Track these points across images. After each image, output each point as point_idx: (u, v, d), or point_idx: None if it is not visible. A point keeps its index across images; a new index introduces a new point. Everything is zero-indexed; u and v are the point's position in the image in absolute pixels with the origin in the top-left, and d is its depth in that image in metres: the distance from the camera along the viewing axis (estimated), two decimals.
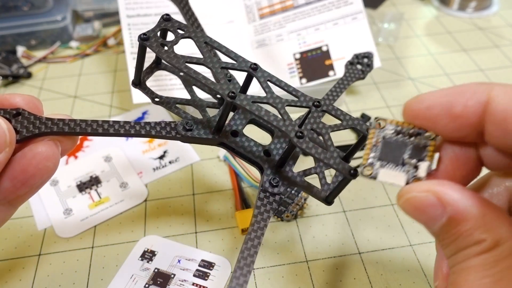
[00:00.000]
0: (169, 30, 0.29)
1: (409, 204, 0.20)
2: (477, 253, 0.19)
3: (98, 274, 0.36)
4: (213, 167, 0.45)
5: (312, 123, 0.27)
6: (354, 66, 0.39)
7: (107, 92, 0.55)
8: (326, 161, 0.25)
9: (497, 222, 0.19)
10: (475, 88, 0.20)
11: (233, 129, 0.31)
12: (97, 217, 0.40)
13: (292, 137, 0.26)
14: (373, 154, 0.22)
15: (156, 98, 0.31)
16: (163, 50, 0.28)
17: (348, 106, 0.51)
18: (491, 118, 0.19)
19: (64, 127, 0.26)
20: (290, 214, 0.39)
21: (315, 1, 0.51)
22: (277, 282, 0.35)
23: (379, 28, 0.62)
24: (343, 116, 0.28)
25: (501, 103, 0.18)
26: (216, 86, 0.27)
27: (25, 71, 0.57)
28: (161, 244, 0.38)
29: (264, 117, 0.27)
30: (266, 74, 0.29)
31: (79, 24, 0.63)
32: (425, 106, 0.21)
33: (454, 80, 0.55)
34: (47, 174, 0.25)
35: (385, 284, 0.35)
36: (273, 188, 0.29)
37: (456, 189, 0.19)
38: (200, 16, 0.52)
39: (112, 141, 0.47)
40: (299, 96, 0.28)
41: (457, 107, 0.20)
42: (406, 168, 0.21)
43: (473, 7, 0.67)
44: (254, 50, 0.51)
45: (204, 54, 0.29)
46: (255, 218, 0.28)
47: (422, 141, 0.21)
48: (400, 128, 0.22)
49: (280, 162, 0.30)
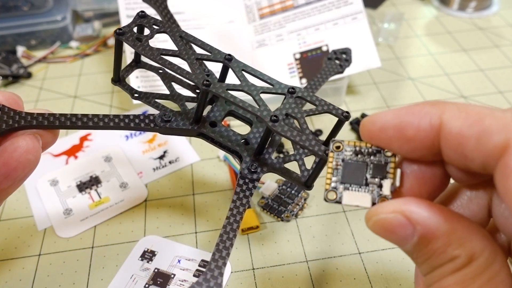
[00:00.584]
0: (145, 26, 0.30)
1: (378, 226, 0.19)
2: (453, 270, 0.18)
3: (98, 274, 0.36)
4: (213, 167, 0.45)
5: (287, 109, 0.28)
6: (332, 61, 0.40)
7: (107, 92, 0.55)
8: (302, 143, 0.26)
9: (469, 236, 0.18)
10: (427, 109, 0.19)
11: (211, 120, 0.31)
12: (97, 217, 0.40)
13: (267, 121, 0.27)
14: (334, 178, 0.21)
15: (135, 94, 0.32)
16: (138, 43, 0.29)
17: (348, 106, 0.51)
18: (446, 142, 0.18)
19: (44, 121, 0.27)
20: (290, 214, 0.39)
21: (315, 1, 0.51)
22: (277, 282, 0.35)
23: (379, 28, 0.62)
24: (318, 102, 0.29)
25: (454, 127, 0.18)
26: (191, 76, 0.28)
27: (25, 71, 0.57)
28: (161, 244, 0.38)
29: (239, 103, 0.27)
30: (241, 65, 0.29)
31: (79, 24, 0.63)
32: (378, 128, 0.20)
33: (454, 80, 0.55)
34: (29, 167, 0.25)
35: (385, 284, 0.35)
36: (252, 174, 0.30)
37: (423, 206, 0.18)
38: (200, 16, 0.52)
39: (112, 141, 0.47)
40: (274, 84, 0.29)
41: (410, 130, 0.19)
42: (370, 188, 0.21)
43: (473, 7, 0.67)
44: (254, 50, 0.51)
45: (179, 47, 0.29)
46: (234, 203, 0.28)
47: (382, 158, 0.21)
48: (358, 148, 0.21)
49: (258, 148, 0.30)
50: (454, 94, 0.53)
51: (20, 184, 0.26)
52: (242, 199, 0.29)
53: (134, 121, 0.29)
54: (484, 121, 0.17)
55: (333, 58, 0.40)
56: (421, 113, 0.19)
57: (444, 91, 0.54)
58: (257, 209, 0.40)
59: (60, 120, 0.27)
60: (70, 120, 0.27)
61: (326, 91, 0.50)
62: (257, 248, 0.38)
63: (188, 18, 0.52)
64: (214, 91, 0.28)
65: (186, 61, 0.29)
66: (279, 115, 0.27)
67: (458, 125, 0.18)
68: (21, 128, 0.26)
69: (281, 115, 0.27)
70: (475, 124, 0.17)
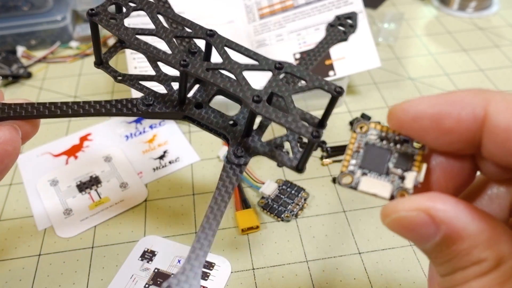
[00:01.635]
0: (120, 3, 0.28)
1: (397, 224, 0.18)
2: (478, 274, 0.17)
3: (98, 274, 0.36)
4: (213, 167, 0.45)
5: (273, 87, 0.25)
6: (335, 27, 0.36)
7: (107, 92, 0.55)
8: (287, 125, 0.24)
9: (497, 237, 0.17)
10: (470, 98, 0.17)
11: (198, 101, 0.30)
12: (97, 217, 0.40)
13: (249, 103, 0.25)
14: (354, 161, 0.19)
15: (119, 76, 0.31)
16: (112, 24, 0.27)
17: (348, 106, 0.51)
18: (491, 136, 0.17)
19: (21, 111, 0.26)
20: (290, 214, 0.39)
21: (315, 1, 0.51)
22: (277, 282, 0.35)
23: (379, 28, 0.62)
24: (308, 77, 0.26)
25: (503, 120, 0.16)
26: (167, 57, 0.26)
27: (25, 71, 0.57)
28: (161, 244, 0.38)
29: (220, 84, 0.25)
30: (225, 40, 0.27)
31: (79, 24, 0.63)
32: (411, 117, 0.18)
33: (454, 80, 0.55)
34: (8, 159, 0.24)
35: (385, 284, 0.35)
36: (238, 159, 0.28)
37: (450, 203, 0.17)
38: (200, 16, 0.52)
39: (112, 141, 0.47)
40: (261, 60, 0.27)
41: (449, 121, 0.17)
42: (390, 178, 0.19)
43: (473, 7, 0.67)
44: (254, 50, 0.51)
45: (156, 25, 0.27)
46: (219, 191, 0.26)
47: (409, 149, 0.19)
48: (384, 134, 0.20)
49: (245, 131, 0.28)
50: None
51: (2, 176, 0.25)
52: (228, 186, 0.27)
53: (116, 106, 0.28)
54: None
55: (337, 24, 0.36)
56: (463, 103, 0.17)
57: (444, 91, 0.54)
58: (257, 209, 0.40)
59: (38, 110, 0.26)
60: (49, 109, 0.27)
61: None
62: (257, 248, 0.38)
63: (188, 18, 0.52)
64: (192, 71, 0.26)
65: (163, 40, 0.27)
66: (263, 95, 0.25)
67: (507, 119, 0.16)
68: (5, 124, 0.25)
69: (265, 94, 0.25)
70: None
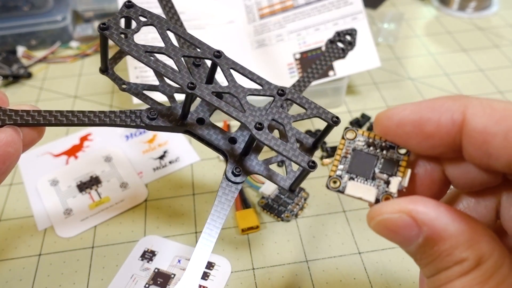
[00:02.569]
0: (131, 17, 0.28)
1: (381, 226, 0.18)
2: (460, 274, 0.17)
3: (98, 274, 0.36)
4: (213, 167, 0.45)
5: (274, 113, 0.27)
6: (334, 44, 0.37)
7: (107, 92, 0.55)
8: (285, 153, 0.25)
9: (477, 238, 0.17)
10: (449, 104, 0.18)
11: (199, 116, 0.31)
12: (97, 217, 0.40)
13: (251, 129, 0.26)
14: (342, 166, 0.20)
15: (123, 84, 0.31)
16: (122, 40, 0.27)
17: (348, 106, 0.52)
18: (469, 140, 0.17)
19: (28, 118, 0.26)
20: (290, 214, 0.39)
21: (315, 1, 0.51)
22: (277, 282, 0.35)
23: (379, 28, 0.62)
24: (308, 105, 0.27)
25: (479, 124, 0.17)
26: (176, 77, 0.27)
27: (25, 71, 0.57)
28: (161, 244, 0.38)
29: (224, 108, 0.26)
30: (230, 62, 0.28)
31: (79, 24, 0.63)
32: (395, 123, 0.19)
33: (454, 80, 0.55)
34: (9, 160, 0.25)
35: (385, 284, 0.35)
36: (236, 177, 0.29)
37: (431, 205, 0.18)
38: (200, 16, 0.52)
39: (112, 141, 0.47)
40: (263, 84, 0.28)
41: (430, 126, 0.18)
42: (376, 182, 0.20)
43: (473, 7, 0.67)
44: (254, 50, 0.51)
45: (166, 42, 0.28)
46: (215, 208, 0.28)
47: (394, 155, 0.20)
48: (371, 140, 0.20)
49: (244, 151, 0.29)
50: (454, 94, 0.53)
51: (3, 178, 0.26)
52: (224, 203, 0.28)
53: (120, 117, 0.29)
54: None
55: (336, 40, 0.37)
56: (442, 109, 0.18)
57: (444, 91, 0.54)
58: (257, 209, 0.40)
59: (45, 117, 0.27)
60: (56, 117, 0.27)
61: (326, 91, 0.50)
62: (257, 248, 0.38)
63: (188, 18, 0.52)
64: (198, 94, 0.26)
65: (172, 58, 0.28)
66: (264, 122, 0.26)
67: (483, 122, 0.17)
68: (5, 125, 0.26)
69: (266, 121, 0.26)
70: (501, 121, 0.16)
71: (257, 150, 0.30)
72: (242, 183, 0.29)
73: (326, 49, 0.37)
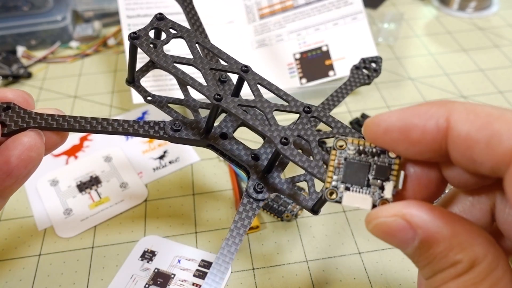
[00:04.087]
0: (161, 29, 0.28)
1: (378, 229, 0.19)
2: (455, 275, 0.18)
3: (98, 274, 0.36)
4: (213, 167, 0.45)
5: (300, 129, 0.26)
6: (360, 70, 0.38)
7: (107, 92, 0.55)
8: (310, 170, 0.25)
9: (471, 240, 0.18)
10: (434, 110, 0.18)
11: (223, 131, 0.30)
12: (97, 217, 0.40)
13: (276, 143, 0.26)
14: (336, 176, 0.20)
15: (148, 97, 0.31)
16: (152, 49, 0.28)
17: (348, 106, 0.52)
18: (454, 146, 0.17)
19: (52, 122, 0.26)
20: (290, 214, 0.39)
21: (315, 1, 0.51)
22: (277, 282, 0.35)
23: (379, 28, 0.62)
24: (334, 124, 0.27)
25: (463, 130, 0.17)
26: (203, 88, 0.27)
27: (25, 71, 0.57)
28: (161, 244, 0.38)
29: (249, 122, 0.26)
30: (258, 77, 0.28)
31: (79, 24, 0.63)
32: (382, 129, 0.19)
33: (454, 80, 0.55)
34: (31, 164, 0.25)
35: (385, 284, 0.35)
36: (257, 194, 0.28)
37: (425, 209, 0.18)
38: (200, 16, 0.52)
39: (112, 141, 0.47)
40: (290, 101, 0.28)
41: (415, 132, 0.18)
42: (371, 189, 0.20)
43: (473, 7, 0.67)
44: (254, 50, 0.51)
45: (194, 54, 0.28)
46: (235, 224, 0.27)
47: (386, 160, 0.20)
48: (362, 147, 0.21)
49: (267, 167, 0.29)
50: (454, 94, 0.53)
51: (24, 181, 0.26)
52: (244, 220, 0.28)
53: (144, 128, 0.29)
54: (494, 124, 0.16)
55: (361, 67, 0.38)
56: (427, 115, 0.18)
57: (444, 91, 0.54)
58: None
59: (69, 123, 0.27)
60: (80, 123, 0.27)
61: (326, 91, 0.50)
62: (257, 248, 0.38)
63: None
64: (224, 106, 0.26)
65: (200, 70, 0.28)
66: (290, 137, 0.26)
67: (466, 128, 0.17)
68: (29, 128, 0.26)
69: (292, 136, 0.26)
70: (484, 127, 0.17)
71: (281, 168, 0.30)
72: (264, 201, 0.29)
73: (351, 75, 0.37)
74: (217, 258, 0.26)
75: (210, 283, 0.25)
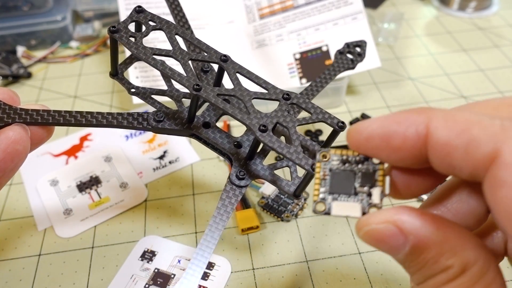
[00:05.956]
0: (141, 22, 0.29)
1: (369, 236, 0.19)
2: (446, 281, 0.18)
3: (98, 274, 0.36)
4: (213, 167, 0.45)
5: (279, 117, 0.27)
6: (344, 55, 0.37)
7: (107, 92, 0.55)
8: (289, 156, 0.26)
9: (462, 245, 0.18)
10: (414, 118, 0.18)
11: (206, 120, 0.31)
12: (97, 217, 0.40)
13: (255, 131, 0.26)
14: (323, 188, 0.21)
15: (132, 88, 0.32)
16: (131, 42, 0.28)
17: (348, 106, 0.52)
18: (433, 152, 0.18)
19: (37, 117, 0.27)
20: (290, 214, 0.39)
21: (315, 1, 0.51)
22: (277, 282, 0.35)
23: (379, 28, 0.62)
24: (313, 110, 0.28)
25: (441, 137, 0.17)
26: (182, 79, 0.27)
27: (25, 71, 0.57)
28: (161, 244, 0.38)
29: (229, 111, 0.27)
30: (237, 66, 0.29)
31: (79, 24, 0.63)
32: (364, 137, 0.19)
33: (454, 80, 0.55)
34: (18, 158, 0.25)
35: (385, 284, 0.35)
36: (240, 181, 0.29)
37: (415, 215, 0.18)
38: (200, 16, 0.52)
39: (112, 141, 0.47)
40: (269, 88, 0.28)
41: (396, 140, 0.18)
42: (359, 197, 0.20)
43: (473, 7, 0.67)
44: (254, 50, 0.51)
45: (174, 46, 0.29)
46: (218, 210, 0.28)
47: (370, 166, 0.20)
48: (345, 157, 0.21)
49: (249, 155, 0.30)
50: (454, 94, 0.53)
51: (11, 175, 0.26)
52: (227, 206, 0.28)
53: (128, 119, 0.29)
54: (472, 130, 0.16)
55: (345, 51, 0.37)
56: (407, 122, 0.18)
57: (444, 91, 0.54)
58: (257, 209, 0.40)
59: (54, 117, 0.27)
60: (64, 117, 0.28)
61: (326, 91, 0.50)
62: (257, 248, 0.38)
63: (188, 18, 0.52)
64: (204, 96, 0.27)
65: (179, 62, 0.28)
66: (269, 124, 0.26)
67: (445, 135, 0.17)
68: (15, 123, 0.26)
69: (270, 124, 0.26)
70: (462, 134, 0.17)
71: (263, 155, 0.30)
72: (246, 187, 0.29)
73: (335, 60, 0.37)
74: (200, 244, 0.27)
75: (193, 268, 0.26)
